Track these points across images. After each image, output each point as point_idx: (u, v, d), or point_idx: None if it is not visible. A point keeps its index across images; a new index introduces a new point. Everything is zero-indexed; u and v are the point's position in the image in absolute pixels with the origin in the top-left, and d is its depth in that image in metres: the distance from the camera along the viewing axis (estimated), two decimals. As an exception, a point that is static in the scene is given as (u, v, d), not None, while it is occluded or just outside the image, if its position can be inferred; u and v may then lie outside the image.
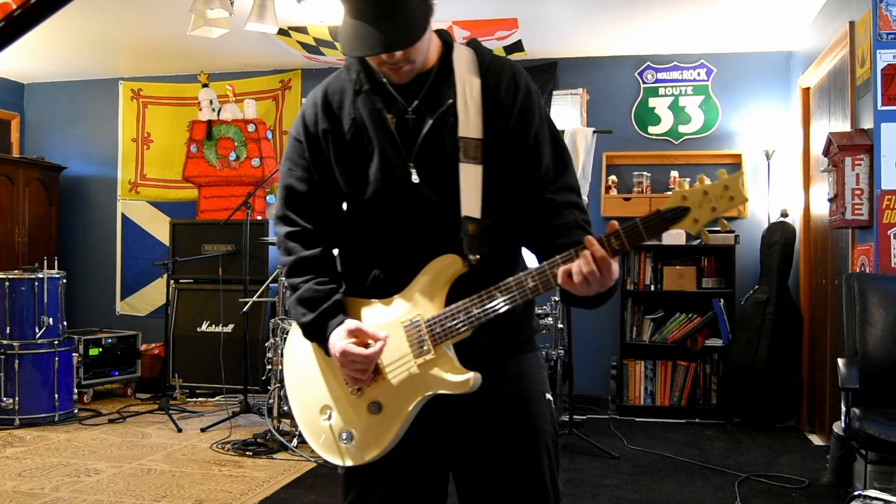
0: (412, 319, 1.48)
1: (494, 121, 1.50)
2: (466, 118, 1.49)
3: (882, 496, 2.41)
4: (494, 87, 1.51)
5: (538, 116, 1.53)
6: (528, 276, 1.41)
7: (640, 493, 3.62)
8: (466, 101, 1.50)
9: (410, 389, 1.47)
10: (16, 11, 0.95)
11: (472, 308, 1.43)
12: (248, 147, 6.14)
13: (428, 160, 1.50)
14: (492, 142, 1.49)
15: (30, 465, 3.96)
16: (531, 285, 1.40)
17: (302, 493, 3.53)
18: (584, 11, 4.92)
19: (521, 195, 1.51)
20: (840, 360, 3.26)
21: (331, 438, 1.55)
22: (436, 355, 1.45)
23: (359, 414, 1.51)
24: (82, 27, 5.35)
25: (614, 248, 1.35)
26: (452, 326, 1.44)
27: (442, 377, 1.44)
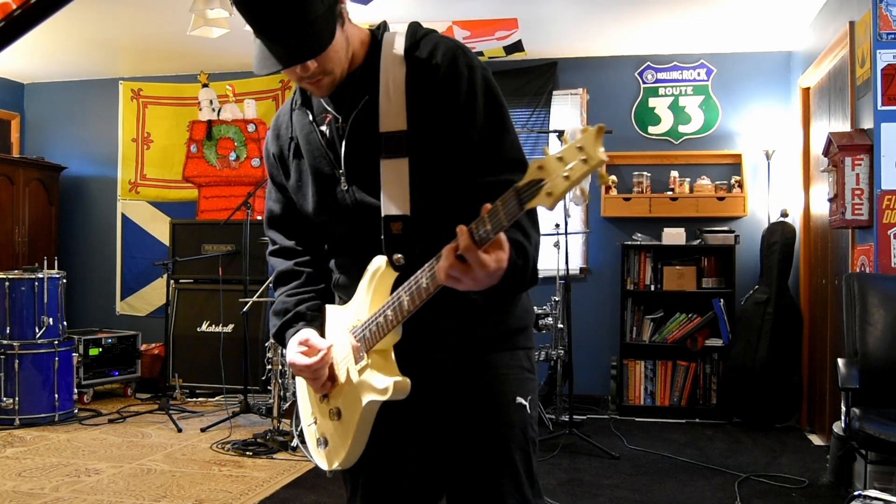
0: (353, 325, 1.44)
1: (420, 106, 1.40)
2: (388, 110, 1.41)
3: (882, 496, 2.41)
4: (418, 71, 1.41)
5: (466, 85, 1.39)
6: (422, 272, 1.29)
7: (640, 493, 3.62)
8: (389, 92, 1.41)
9: (356, 396, 1.44)
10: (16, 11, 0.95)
11: (388, 311, 1.36)
12: (248, 147, 6.14)
13: (355, 164, 1.45)
14: (419, 130, 1.39)
15: (30, 465, 3.96)
16: (424, 284, 1.28)
17: (302, 493, 3.53)
18: (584, 11, 4.92)
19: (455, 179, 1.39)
20: (840, 360, 3.26)
21: (313, 443, 1.59)
22: (371, 361, 1.40)
23: (328, 420, 1.53)
24: (82, 27, 5.35)
25: (480, 237, 1.17)
26: (375, 330, 1.38)
27: (371, 384, 1.39)
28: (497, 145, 1.40)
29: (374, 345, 1.39)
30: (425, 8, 4.83)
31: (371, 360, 1.40)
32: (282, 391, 4.45)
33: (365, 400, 1.41)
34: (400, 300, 1.33)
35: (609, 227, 5.77)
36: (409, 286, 1.32)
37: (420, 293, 1.30)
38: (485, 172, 1.37)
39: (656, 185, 5.67)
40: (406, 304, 1.32)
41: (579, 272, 5.78)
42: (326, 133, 1.49)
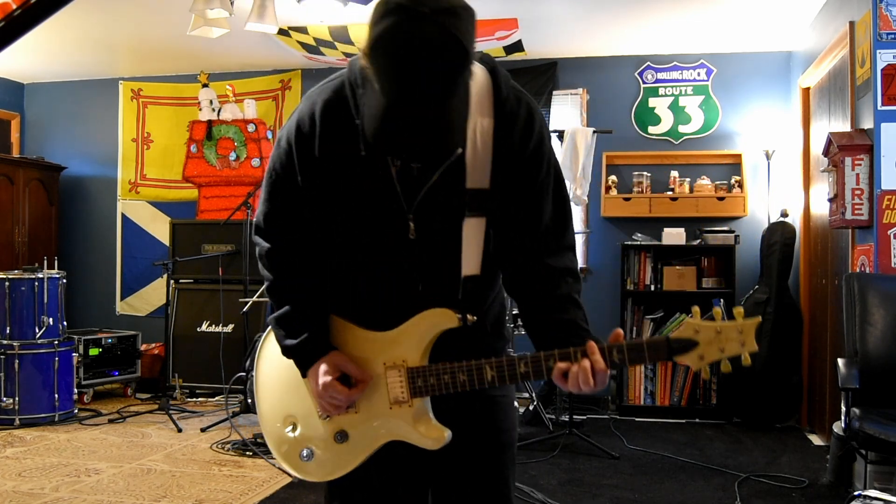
0: (395, 363, 1.42)
1: (503, 168, 1.37)
2: (475, 166, 1.36)
3: (882, 496, 2.41)
4: (507, 130, 1.36)
5: (546, 165, 1.41)
6: (521, 360, 1.35)
7: (640, 493, 3.62)
8: (476, 146, 1.36)
9: (379, 431, 1.45)
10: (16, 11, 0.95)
11: (459, 374, 1.38)
12: (248, 147, 6.14)
13: (429, 215, 1.38)
14: (498, 191, 1.38)
15: (30, 465, 3.96)
16: (522, 371, 1.35)
17: (302, 493, 3.53)
18: (584, 11, 4.92)
19: (518, 254, 1.43)
20: (840, 360, 3.26)
21: (292, 451, 1.54)
22: (412, 406, 1.42)
23: (323, 437, 1.50)
24: (82, 27, 5.35)
25: (613, 362, 1.32)
26: (435, 385, 1.39)
27: (412, 429, 1.42)
28: (562, 232, 1.46)
29: (425, 395, 1.41)
30: (425, 8, 4.82)
31: (414, 405, 1.42)
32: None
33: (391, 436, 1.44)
34: (482, 372, 1.36)
35: (609, 227, 5.77)
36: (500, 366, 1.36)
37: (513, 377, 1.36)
38: (548, 255, 1.43)
39: (656, 185, 5.67)
40: (488, 378, 1.36)
41: (579, 272, 5.77)
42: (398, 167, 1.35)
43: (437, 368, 1.39)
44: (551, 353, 1.34)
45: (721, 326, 1.30)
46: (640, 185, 5.63)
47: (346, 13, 4.74)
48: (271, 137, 6.34)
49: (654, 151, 5.77)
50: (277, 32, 4.77)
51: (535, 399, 5.02)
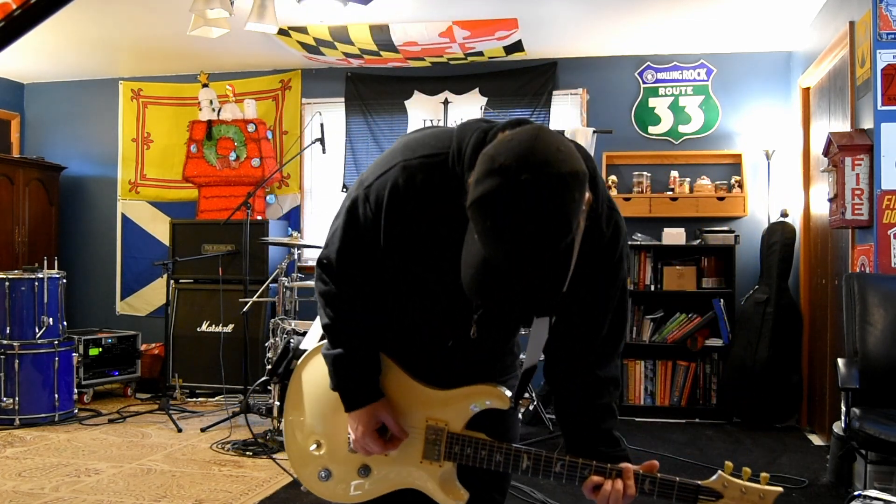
0: (438, 424, 1.48)
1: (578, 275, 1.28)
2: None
3: (882, 496, 2.41)
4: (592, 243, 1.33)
5: (620, 281, 1.44)
6: (558, 461, 1.42)
7: (640, 493, 3.62)
8: None
9: (402, 477, 1.51)
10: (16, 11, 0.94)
11: (496, 454, 1.45)
12: (248, 147, 6.14)
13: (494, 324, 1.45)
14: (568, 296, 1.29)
15: (30, 465, 3.96)
16: (557, 470, 1.42)
17: (302, 494, 3.53)
18: (584, 11, 4.92)
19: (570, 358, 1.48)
20: (840, 360, 3.26)
21: (312, 467, 1.59)
22: (441, 468, 1.49)
23: (345, 465, 1.55)
24: (82, 27, 5.35)
25: (643, 490, 1.40)
26: (470, 456, 1.46)
27: (436, 487, 1.49)
28: (615, 345, 1.52)
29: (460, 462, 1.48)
30: (425, 8, 4.83)
31: (444, 467, 1.49)
32: (282, 391, 4.45)
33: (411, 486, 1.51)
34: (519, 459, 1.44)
35: (609, 227, 5.76)
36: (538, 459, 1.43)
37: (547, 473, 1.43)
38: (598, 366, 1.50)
39: (656, 185, 5.67)
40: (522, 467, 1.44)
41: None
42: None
43: (476, 443, 1.46)
44: (589, 464, 1.41)
45: (746, 487, 1.38)
46: (640, 185, 5.63)
47: (346, 13, 4.74)
48: (271, 137, 6.34)
49: (654, 151, 5.77)
50: (277, 32, 4.77)
51: (536, 399, 5.02)
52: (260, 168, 6.10)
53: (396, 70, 5.99)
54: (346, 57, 5.69)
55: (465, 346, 1.46)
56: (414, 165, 1.35)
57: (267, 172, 6.06)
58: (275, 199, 6.39)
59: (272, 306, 5.40)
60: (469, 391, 1.48)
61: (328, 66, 6.09)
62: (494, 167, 1.12)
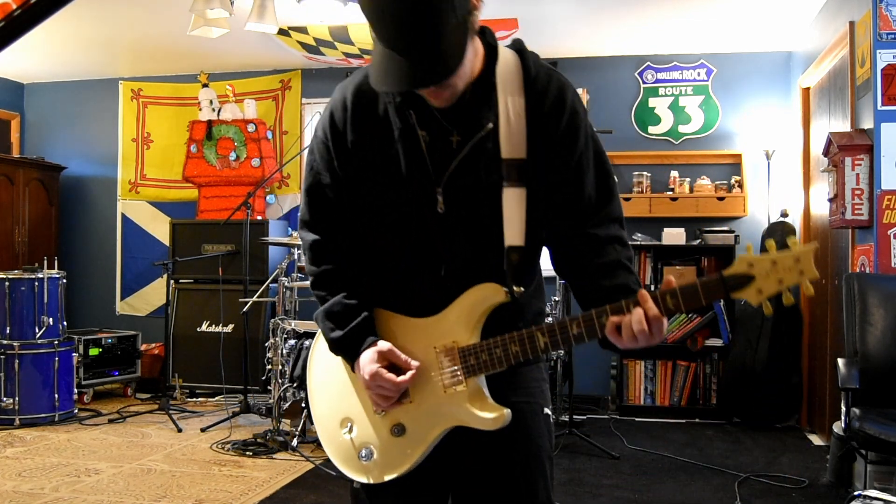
0: (446, 346, 1.41)
1: (538, 140, 1.38)
2: (510, 137, 1.37)
3: (882, 496, 2.41)
4: (539, 105, 1.38)
5: (583, 137, 1.42)
6: (572, 321, 1.32)
7: (640, 493, 3.62)
8: (510, 119, 1.38)
9: (437, 418, 1.42)
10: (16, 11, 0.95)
11: (511, 345, 1.36)
12: (248, 147, 6.14)
13: (459, 189, 1.39)
14: (536, 162, 1.38)
15: (30, 465, 3.96)
16: (575, 332, 1.32)
17: (302, 493, 3.53)
18: (584, 11, 4.92)
19: (561, 225, 1.42)
20: (840, 360, 3.26)
21: (350, 453, 1.50)
22: (467, 387, 1.39)
23: (380, 433, 1.46)
24: (82, 27, 5.35)
25: (668, 308, 1.27)
26: (488, 361, 1.37)
27: (471, 411, 1.39)
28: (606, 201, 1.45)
29: (480, 373, 1.39)
30: (425, 8, 4.83)
31: (469, 387, 1.39)
32: (282, 391, 4.45)
33: (450, 423, 1.41)
34: (534, 340, 1.34)
35: (609, 227, 5.76)
36: (552, 331, 1.33)
37: (566, 340, 1.32)
38: (592, 226, 1.41)
39: (656, 185, 5.67)
40: (541, 346, 1.34)
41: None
42: (428, 141, 1.38)
43: (489, 344, 1.37)
44: (603, 310, 1.30)
45: (776, 257, 1.23)
46: (640, 185, 5.63)
47: (346, 13, 4.74)
48: (271, 137, 6.34)
49: (654, 151, 5.77)
50: (277, 32, 4.77)
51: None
52: (260, 168, 6.10)
53: (396, 70, 5.99)
54: (346, 57, 5.69)
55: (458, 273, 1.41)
56: (346, 82, 1.47)
57: (267, 172, 6.06)
58: (275, 199, 6.39)
59: (272, 306, 5.40)
60: (462, 300, 1.41)
61: (328, 66, 6.09)
62: None
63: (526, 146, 1.37)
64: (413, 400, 1.43)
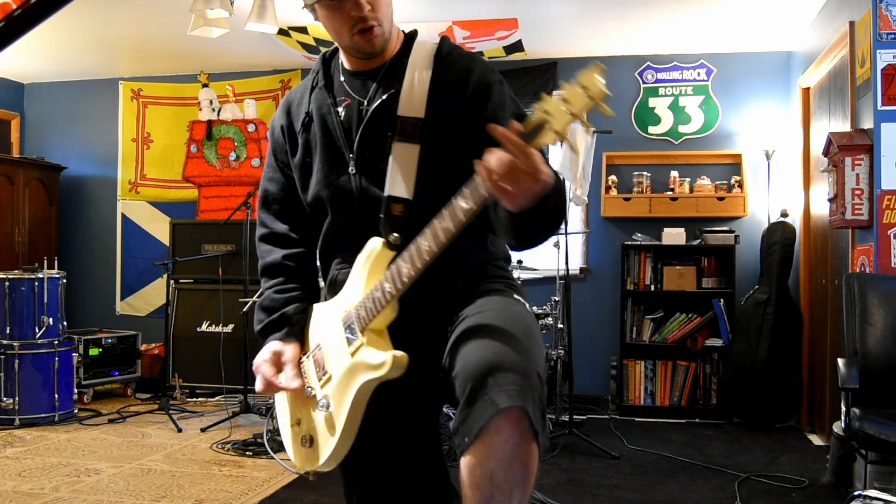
0: (346, 311, 1.46)
1: (441, 102, 1.48)
2: (409, 99, 1.47)
3: (882, 496, 2.41)
4: (444, 74, 1.50)
5: (496, 98, 1.49)
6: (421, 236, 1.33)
7: (640, 493, 3.62)
8: (413, 84, 1.49)
9: (348, 381, 1.44)
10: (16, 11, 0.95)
11: (384, 283, 1.38)
12: (248, 147, 6.14)
13: (367, 150, 1.50)
14: (435, 121, 1.46)
15: (30, 465, 3.96)
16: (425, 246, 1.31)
17: (302, 493, 3.53)
18: (584, 11, 4.92)
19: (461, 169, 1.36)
20: (840, 360, 3.26)
21: (297, 445, 1.57)
22: (365, 340, 1.41)
23: (314, 415, 1.52)
24: (82, 27, 5.35)
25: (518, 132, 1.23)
26: (371, 308, 1.40)
27: (366, 361, 1.39)
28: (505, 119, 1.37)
29: (370, 322, 1.40)
30: (425, 8, 4.83)
31: (366, 339, 1.40)
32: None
33: (360, 381, 1.41)
34: (399, 269, 1.36)
35: (609, 227, 5.77)
36: (407, 254, 1.35)
37: (421, 255, 1.32)
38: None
39: (656, 185, 5.67)
40: (405, 272, 1.34)
41: (579, 272, 5.78)
42: (342, 115, 1.53)
43: (370, 292, 1.41)
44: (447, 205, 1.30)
45: (565, 94, 1.20)
46: (640, 185, 5.63)
47: (346, 13, 4.73)
48: (271, 137, 6.34)
49: (654, 151, 5.77)
50: (277, 32, 4.77)
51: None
52: (260, 168, 6.10)
53: (396, 70, 5.99)
54: (346, 57, 5.69)
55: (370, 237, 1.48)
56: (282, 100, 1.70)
57: (267, 172, 6.05)
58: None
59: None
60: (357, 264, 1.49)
61: (328, 66, 6.09)
62: None
63: (425, 108, 1.47)
64: (330, 374, 1.49)
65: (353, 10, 1.44)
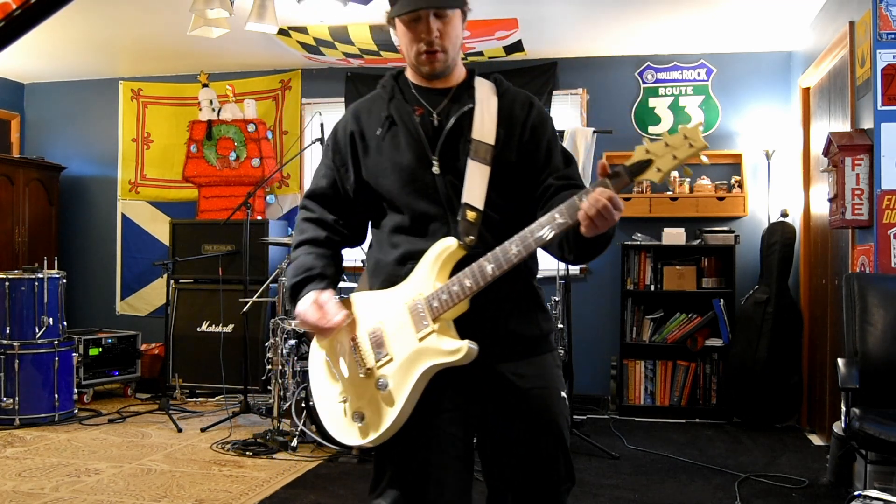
0: (414, 299, 1.62)
1: (508, 132, 1.72)
2: (482, 125, 1.70)
3: (882, 496, 2.41)
4: (510, 106, 1.76)
5: (549, 132, 1.78)
6: (510, 243, 1.55)
7: (640, 493, 3.62)
8: (483, 112, 1.72)
9: (412, 364, 1.60)
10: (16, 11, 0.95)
11: (464, 279, 1.57)
12: (248, 147, 6.14)
13: (448, 155, 1.70)
14: (503, 149, 1.70)
15: (30, 465, 3.96)
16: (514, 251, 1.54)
17: (302, 493, 3.53)
18: (584, 11, 4.92)
19: (541, 182, 1.71)
20: (840, 360, 3.26)
21: (349, 423, 1.67)
22: (436, 328, 1.58)
23: (368, 394, 1.64)
24: (82, 27, 5.35)
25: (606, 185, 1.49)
26: (447, 299, 1.58)
27: (439, 347, 1.57)
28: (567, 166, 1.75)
29: (443, 313, 1.59)
30: (425, 8, 4.82)
31: (437, 327, 1.58)
32: (282, 391, 4.45)
33: (426, 364, 1.58)
34: (482, 268, 1.56)
35: (609, 227, 5.75)
36: (493, 256, 1.56)
37: (508, 259, 1.54)
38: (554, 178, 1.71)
39: (656, 185, 5.67)
40: (490, 271, 1.56)
41: (579, 272, 5.78)
42: (418, 122, 1.72)
43: (446, 285, 1.60)
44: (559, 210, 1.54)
45: (668, 139, 1.48)
46: (640, 185, 5.63)
47: (346, 13, 4.74)
48: (271, 137, 6.34)
49: (654, 151, 5.76)
50: (277, 32, 4.77)
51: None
52: (260, 168, 6.10)
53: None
54: (346, 57, 5.70)
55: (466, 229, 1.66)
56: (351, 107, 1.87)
57: (267, 172, 6.06)
58: (275, 199, 6.39)
59: (272, 306, 5.40)
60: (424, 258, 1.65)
61: (328, 66, 6.09)
62: None
63: (494, 136, 1.71)
64: (392, 356, 1.63)
65: (424, 32, 1.66)
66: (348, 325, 1.70)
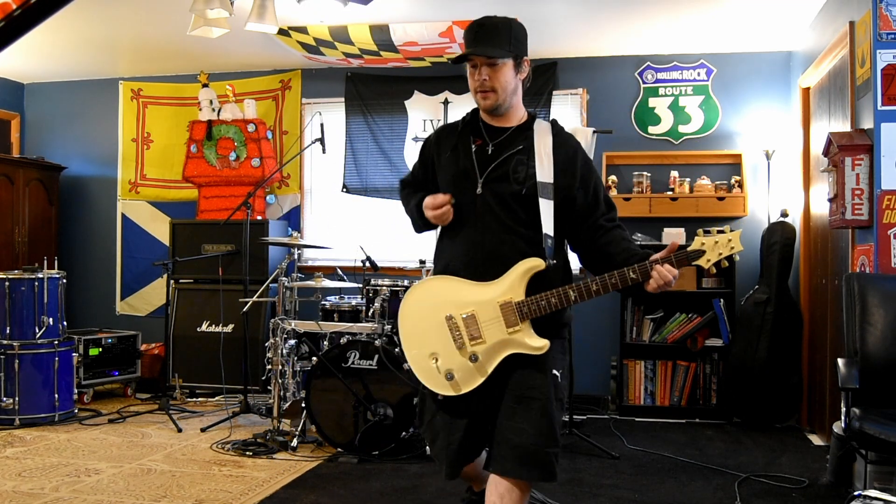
0: (507, 300, 2.17)
1: (562, 174, 2.24)
2: (542, 167, 2.21)
3: (882, 496, 2.41)
4: (563, 150, 2.27)
5: (595, 176, 2.34)
6: (592, 281, 2.13)
7: (640, 493, 3.62)
8: (542, 154, 2.23)
9: (501, 348, 2.18)
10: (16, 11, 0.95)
11: (551, 298, 2.15)
12: (248, 147, 6.14)
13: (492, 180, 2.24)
14: (559, 186, 2.22)
15: (30, 465, 3.96)
16: (595, 288, 2.14)
17: (302, 493, 3.53)
18: (584, 11, 4.92)
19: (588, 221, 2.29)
20: (840, 360, 3.26)
21: (438, 377, 2.22)
22: (523, 327, 2.16)
23: (460, 361, 2.20)
24: (82, 27, 5.36)
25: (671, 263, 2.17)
26: (535, 309, 2.15)
27: (525, 342, 2.17)
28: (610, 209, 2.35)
29: (531, 317, 2.15)
30: (425, 8, 4.83)
31: (523, 326, 2.16)
32: (282, 391, 4.45)
33: (511, 350, 2.17)
34: (566, 294, 2.15)
35: (609, 227, 5.75)
36: (578, 288, 2.14)
37: (588, 293, 2.13)
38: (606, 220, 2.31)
39: (656, 185, 5.67)
40: (572, 298, 2.14)
41: (579, 272, 5.78)
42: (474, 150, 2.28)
43: (536, 297, 2.15)
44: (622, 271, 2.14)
45: (717, 238, 2.19)
46: (640, 185, 5.63)
47: (346, 13, 4.74)
48: (271, 137, 6.34)
49: (654, 151, 5.77)
50: (277, 32, 4.77)
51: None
52: (260, 168, 6.10)
53: (396, 70, 5.99)
54: (346, 57, 5.69)
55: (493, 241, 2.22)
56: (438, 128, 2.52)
57: (267, 172, 6.06)
58: (275, 199, 6.39)
59: (272, 306, 5.40)
60: (515, 268, 2.18)
61: (328, 66, 6.09)
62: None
63: (553, 175, 2.23)
64: (485, 340, 2.18)
65: (477, 75, 2.24)
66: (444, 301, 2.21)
